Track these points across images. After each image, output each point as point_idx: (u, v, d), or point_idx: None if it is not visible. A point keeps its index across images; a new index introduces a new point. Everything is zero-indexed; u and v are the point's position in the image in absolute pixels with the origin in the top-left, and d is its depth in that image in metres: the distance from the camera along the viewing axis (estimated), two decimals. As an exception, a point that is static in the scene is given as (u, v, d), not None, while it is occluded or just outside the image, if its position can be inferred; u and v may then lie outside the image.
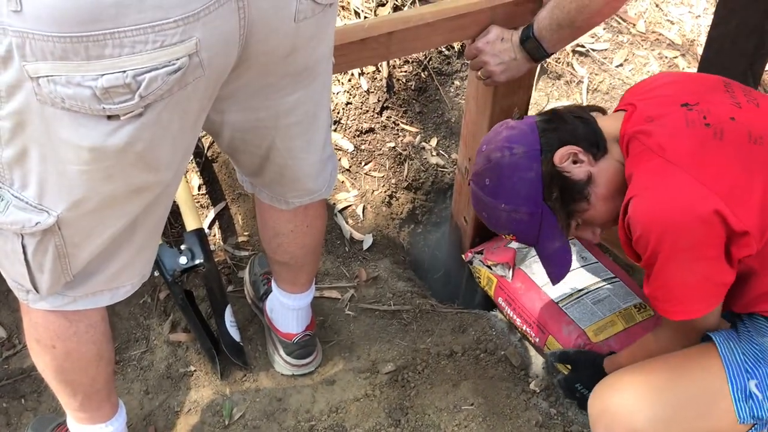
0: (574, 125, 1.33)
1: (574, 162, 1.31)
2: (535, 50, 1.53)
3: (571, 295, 1.85)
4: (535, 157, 1.31)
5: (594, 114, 1.39)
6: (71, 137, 0.99)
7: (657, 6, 2.86)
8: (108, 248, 1.18)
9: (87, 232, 1.13)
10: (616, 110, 1.41)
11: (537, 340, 1.86)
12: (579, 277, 1.89)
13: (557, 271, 1.44)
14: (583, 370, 1.70)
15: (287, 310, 1.75)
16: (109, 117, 0.97)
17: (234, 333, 1.84)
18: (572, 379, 1.71)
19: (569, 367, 1.74)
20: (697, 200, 1.18)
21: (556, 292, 1.86)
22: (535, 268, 1.92)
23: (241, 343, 1.85)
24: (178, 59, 0.95)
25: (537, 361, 1.90)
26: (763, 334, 1.35)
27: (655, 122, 1.27)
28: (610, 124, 1.35)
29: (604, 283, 1.88)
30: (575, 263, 1.91)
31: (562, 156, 1.30)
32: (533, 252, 1.95)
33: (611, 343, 1.75)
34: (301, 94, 1.24)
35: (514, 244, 1.97)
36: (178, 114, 1.03)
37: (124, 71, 0.92)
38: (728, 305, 1.36)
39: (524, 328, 1.88)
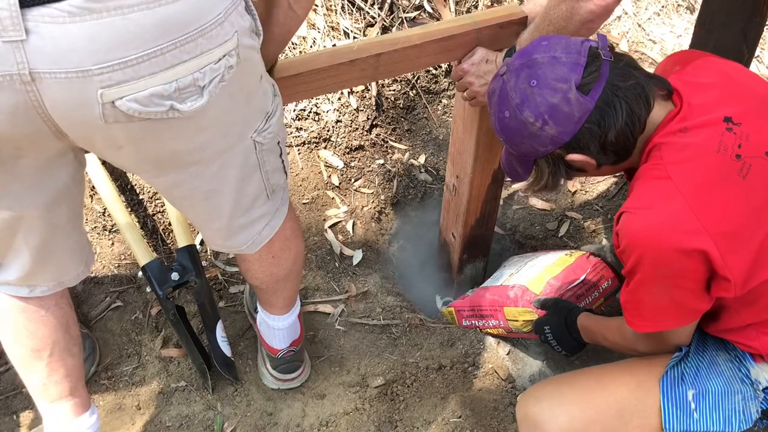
0: (617, 133, 1.22)
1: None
2: None
3: (512, 275, 1.96)
4: (557, 143, 1.24)
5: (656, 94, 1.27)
6: None
7: (639, 26, 2.93)
8: (9, 253, 1.29)
9: None
10: (671, 85, 1.30)
11: (501, 323, 1.91)
12: (518, 263, 2.01)
13: (508, 175, 1.43)
14: (554, 315, 1.72)
15: (270, 327, 1.78)
16: None
17: (225, 348, 1.86)
18: (543, 321, 1.74)
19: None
20: (686, 235, 1.16)
21: (498, 280, 1.98)
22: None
23: (232, 358, 1.87)
24: None
25: (524, 374, 1.93)
26: (718, 349, 1.38)
27: (688, 134, 1.22)
28: (653, 116, 1.26)
29: (540, 257, 1.99)
30: (519, 260, 2.04)
31: (576, 160, 1.26)
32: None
33: (552, 282, 1.84)
34: (175, 176, 1.23)
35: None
36: None
37: None
38: (700, 325, 1.38)
39: (491, 323, 1.94)
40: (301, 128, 2.34)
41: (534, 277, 1.88)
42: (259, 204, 1.40)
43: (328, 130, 2.36)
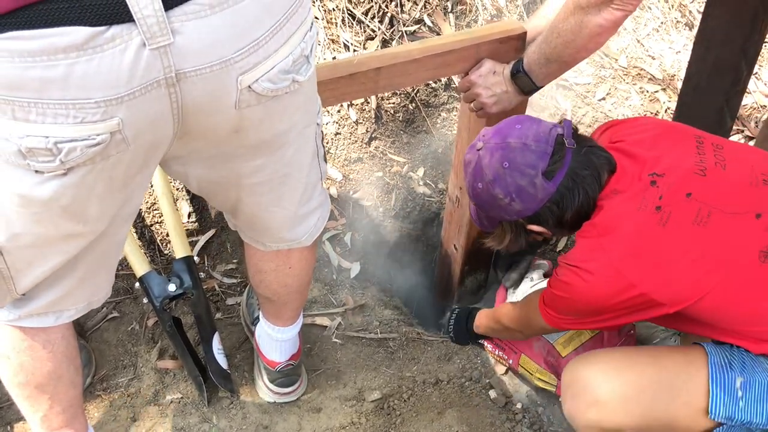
0: (573, 213, 1.40)
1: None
2: (524, 83, 1.58)
3: None
4: (521, 215, 1.43)
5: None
6: (3, 181, 1.04)
7: (638, 41, 2.94)
8: (50, 277, 1.23)
9: (28, 262, 1.18)
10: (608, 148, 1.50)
11: (511, 361, 1.90)
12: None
13: (476, 224, 1.61)
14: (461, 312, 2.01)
15: (272, 340, 1.77)
16: (36, 170, 1.01)
17: (221, 360, 1.85)
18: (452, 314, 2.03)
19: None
20: (606, 290, 1.34)
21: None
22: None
23: (228, 371, 1.86)
24: (98, 135, 0.98)
25: (521, 389, 1.93)
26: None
27: (617, 198, 1.38)
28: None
29: None
30: (536, 281, 2.00)
31: (534, 229, 1.45)
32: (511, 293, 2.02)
33: (580, 352, 1.83)
34: (265, 160, 1.24)
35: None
36: (103, 179, 1.07)
37: (47, 137, 0.96)
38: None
39: (499, 353, 1.92)
40: (300, 140, 2.34)
41: (563, 337, 1.85)
42: (317, 193, 1.43)
43: (327, 143, 2.36)
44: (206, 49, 0.98)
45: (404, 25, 2.51)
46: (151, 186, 2.10)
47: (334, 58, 2.38)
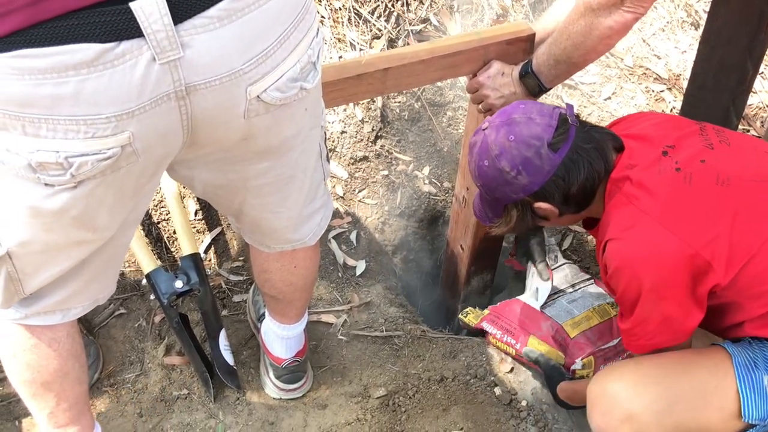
0: (578, 187, 1.40)
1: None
2: (533, 85, 1.59)
3: (549, 298, 1.95)
4: (527, 191, 1.42)
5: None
6: (13, 193, 1.05)
7: (644, 41, 2.94)
8: (58, 279, 1.24)
9: (36, 266, 1.19)
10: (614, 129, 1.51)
11: (519, 345, 1.91)
12: (554, 279, 1.98)
13: (477, 217, 1.63)
14: (548, 375, 1.88)
15: (277, 337, 1.78)
16: (46, 183, 1.02)
17: (228, 356, 1.86)
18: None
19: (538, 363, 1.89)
20: (662, 248, 1.30)
21: (536, 297, 1.96)
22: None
23: (235, 367, 1.88)
24: (109, 149, 0.99)
25: (526, 387, 1.93)
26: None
27: (635, 169, 1.39)
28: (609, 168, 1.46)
29: (578, 285, 1.98)
30: (562, 280, 2.02)
31: (542, 208, 1.44)
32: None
33: (588, 335, 1.85)
34: (271, 163, 1.25)
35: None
36: (113, 190, 1.08)
37: (58, 152, 0.97)
38: (723, 335, 1.43)
39: (506, 338, 1.93)
40: (306, 138, 2.35)
41: (573, 320, 1.86)
42: (320, 193, 1.44)
43: (333, 141, 2.37)
44: (215, 62, 0.98)
45: (410, 24, 2.52)
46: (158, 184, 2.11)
47: (340, 57, 2.39)
